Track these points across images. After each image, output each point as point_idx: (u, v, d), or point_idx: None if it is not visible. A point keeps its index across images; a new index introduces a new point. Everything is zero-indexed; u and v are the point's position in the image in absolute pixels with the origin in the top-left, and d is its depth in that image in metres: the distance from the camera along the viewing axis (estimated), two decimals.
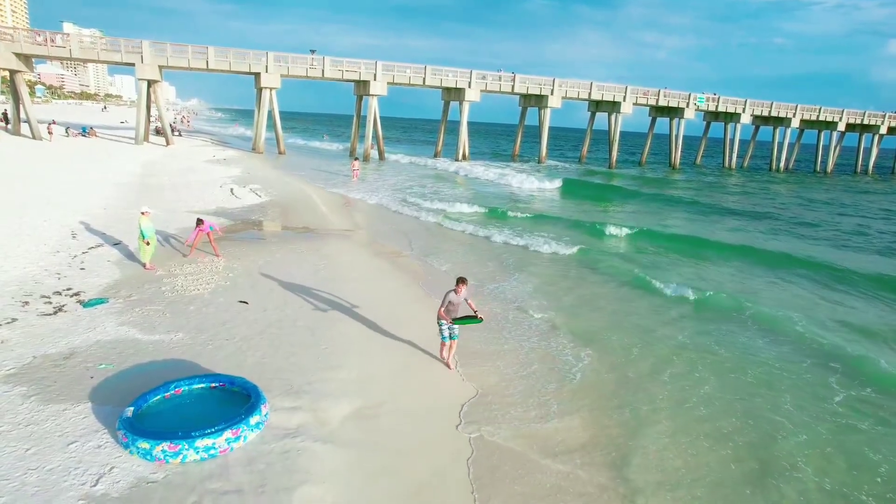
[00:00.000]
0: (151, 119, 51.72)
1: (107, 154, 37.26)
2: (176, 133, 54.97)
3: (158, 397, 7.30)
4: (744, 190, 45.22)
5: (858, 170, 73.72)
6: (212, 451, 6.35)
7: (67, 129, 47.64)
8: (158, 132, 51.56)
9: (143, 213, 13.09)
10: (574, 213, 27.69)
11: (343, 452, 6.76)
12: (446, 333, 8.92)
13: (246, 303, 11.49)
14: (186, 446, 6.24)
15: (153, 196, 22.78)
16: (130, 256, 14.35)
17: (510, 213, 25.26)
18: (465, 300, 8.76)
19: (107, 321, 10.24)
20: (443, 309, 8.58)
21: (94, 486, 5.85)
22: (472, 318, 8.81)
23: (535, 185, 37.43)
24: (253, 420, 6.75)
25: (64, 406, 7.35)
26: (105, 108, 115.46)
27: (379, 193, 29.16)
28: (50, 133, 41.56)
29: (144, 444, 6.23)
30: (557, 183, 37.82)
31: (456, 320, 8.74)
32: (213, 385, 7.66)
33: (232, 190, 25.84)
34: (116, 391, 7.77)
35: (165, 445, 6.20)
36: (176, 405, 7.31)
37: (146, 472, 6.12)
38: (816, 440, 7.90)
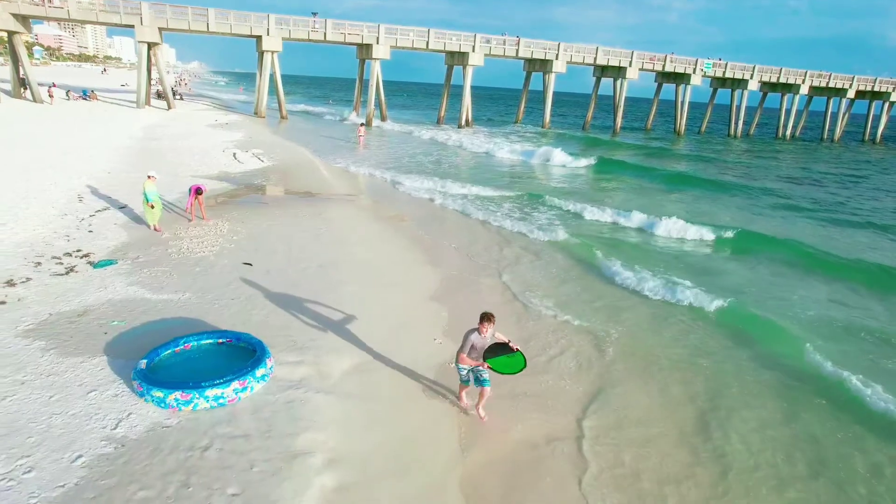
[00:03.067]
0: (152, 82, 51.30)
1: (109, 117, 37.24)
2: (177, 97, 54.62)
3: (169, 351, 7.75)
4: (746, 161, 44.94)
5: (866, 138, 72.88)
6: (221, 400, 6.81)
7: (68, 92, 47.40)
8: (160, 95, 51.24)
9: (149, 177, 13.38)
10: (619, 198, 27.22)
11: (343, 403, 7.23)
12: (465, 375, 7.01)
13: (250, 264, 11.87)
14: (197, 395, 6.71)
15: (156, 160, 22.95)
16: (136, 219, 14.70)
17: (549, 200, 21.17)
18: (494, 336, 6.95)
19: (117, 281, 10.65)
20: (465, 355, 6.65)
21: (115, 429, 6.34)
22: (508, 356, 6.85)
23: (567, 162, 32.65)
24: (259, 372, 7.20)
25: (81, 359, 7.81)
26: (104, 70, 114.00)
27: (383, 168, 29.06)
28: (51, 96, 41.42)
29: (158, 393, 6.69)
30: (590, 160, 32.96)
31: (489, 360, 6.78)
32: (221, 341, 8.10)
33: (234, 154, 25.99)
34: (129, 346, 8.22)
35: (178, 394, 6.67)
36: (186, 359, 7.76)
37: (161, 417, 6.60)
38: None
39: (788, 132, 68.31)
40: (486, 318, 6.61)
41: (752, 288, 12.84)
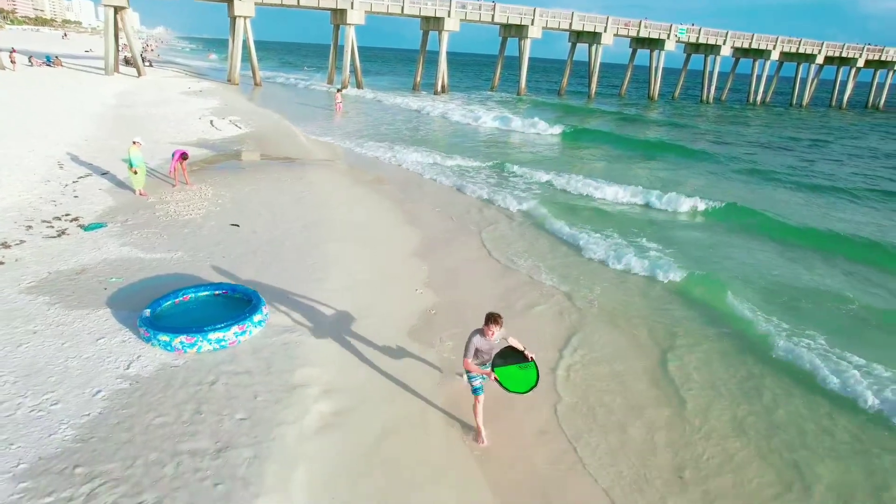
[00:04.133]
0: (120, 48, 49.83)
1: (76, 84, 36.38)
2: (147, 63, 53.21)
3: (169, 303, 8.35)
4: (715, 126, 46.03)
5: (833, 103, 74.72)
6: (223, 343, 7.48)
7: (30, 57, 45.84)
8: (128, 62, 49.89)
9: (134, 143, 13.66)
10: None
11: (333, 344, 7.98)
12: (478, 383, 6.20)
13: (237, 226, 12.38)
14: (201, 338, 7.36)
15: (132, 128, 22.85)
16: (120, 185, 14.98)
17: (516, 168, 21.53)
18: (506, 340, 6.31)
19: (109, 242, 11.09)
20: (469, 360, 5.90)
21: (127, 369, 6.98)
22: (520, 367, 6.17)
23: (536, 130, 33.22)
24: (256, 318, 7.88)
25: (86, 311, 8.37)
26: (65, 35, 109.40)
27: (361, 137, 29.23)
28: (13, 62, 40.10)
29: (165, 337, 7.33)
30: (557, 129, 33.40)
31: (497, 369, 6.09)
32: (217, 292, 8.73)
33: (211, 122, 25.96)
34: (130, 299, 8.78)
35: (183, 338, 7.31)
36: (185, 309, 8.37)
37: (168, 359, 7.25)
38: None
39: (759, 98, 69.67)
40: (492, 319, 5.67)
41: (711, 253, 13.44)
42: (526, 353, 6.20)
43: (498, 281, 10.99)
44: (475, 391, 6.24)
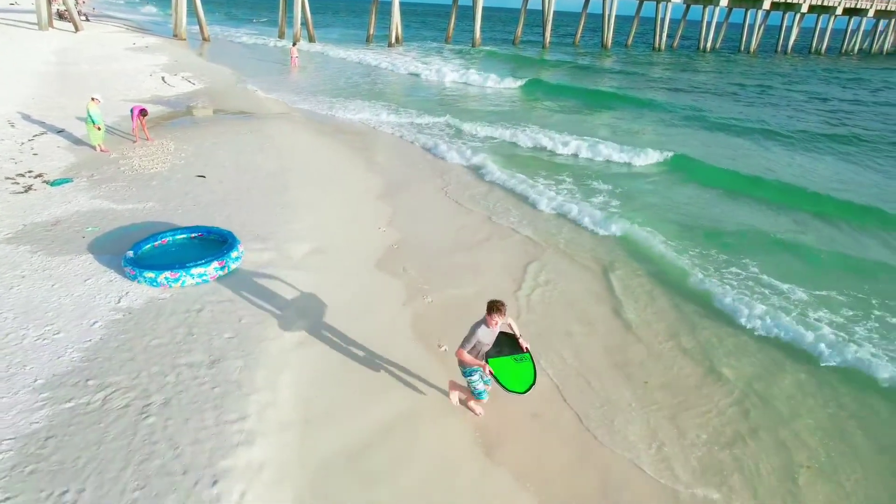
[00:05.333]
0: (50, 1, 46.84)
1: (8, 40, 34.46)
2: (83, 18, 50.29)
3: (149, 246, 8.96)
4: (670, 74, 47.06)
5: (779, 49, 76.92)
6: (204, 277, 8.22)
7: None
8: (62, 16, 47.08)
9: (92, 100, 13.74)
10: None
11: (306, 275, 8.81)
12: (481, 387, 5.84)
13: (203, 177, 12.83)
14: (184, 274, 8.08)
15: (79, 85, 22.31)
16: (79, 142, 15.03)
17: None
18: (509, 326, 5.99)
19: (79, 196, 11.44)
20: (466, 350, 5.49)
21: (118, 303, 7.68)
22: (515, 360, 5.83)
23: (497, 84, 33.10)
24: (233, 254, 8.61)
25: (69, 257, 8.91)
26: None
27: (318, 92, 29.03)
28: None
29: (150, 274, 8.01)
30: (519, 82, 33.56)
31: (492, 360, 5.72)
32: (193, 235, 9.37)
33: (163, 78, 25.44)
34: (109, 245, 9.34)
35: (168, 274, 8.01)
36: (164, 251, 9.01)
37: (155, 293, 7.97)
38: None
39: (709, 45, 71.14)
40: (494, 308, 5.34)
41: (651, 200, 14.01)
42: (521, 341, 5.88)
43: (455, 220, 11.92)
44: (478, 395, 5.89)
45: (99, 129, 13.94)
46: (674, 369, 7.33)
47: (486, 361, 5.67)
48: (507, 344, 5.96)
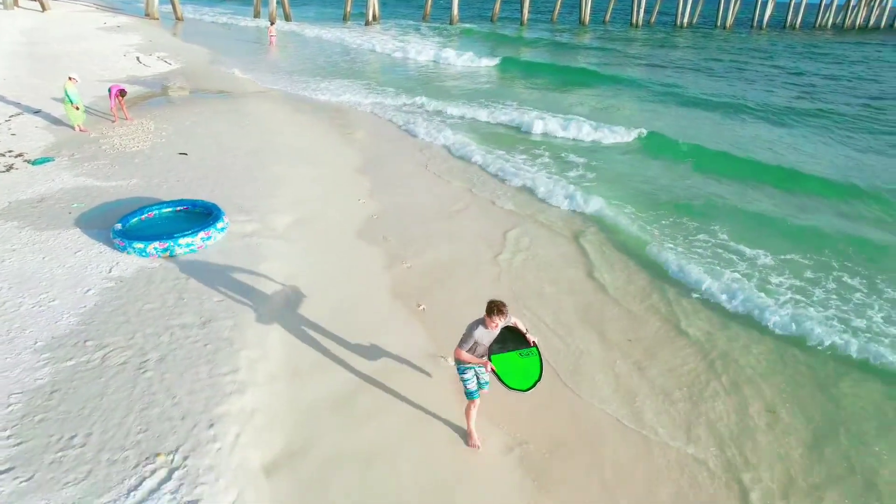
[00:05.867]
0: None
1: None
2: None
3: (136, 219, 9.26)
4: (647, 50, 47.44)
5: (754, 24, 77.63)
6: (191, 247, 8.58)
7: None
8: None
9: (70, 79, 13.79)
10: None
11: (290, 244, 9.22)
12: (473, 386, 5.51)
13: (186, 154, 13.05)
14: (172, 244, 8.43)
15: (52, 65, 22.05)
16: (57, 122, 15.07)
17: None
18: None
19: (62, 174, 11.62)
20: (464, 351, 5.19)
21: (110, 272, 8.02)
22: (520, 354, 5.40)
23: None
24: (219, 225, 8.97)
25: (57, 231, 9.19)
26: None
27: (297, 73, 28.84)
28: None
29: (139, 245, 8.35)
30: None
31: (495, 357, 5.31)
32: (179, 209, 9.68)
33: (138, 58, 25.19)
34: (96, 220, 9.62)
35: (156, 244, 8.36)
36: (151, 224, 9.32)
37: (145, 263, 8.32)
38: None
39: (686, 21, 71.53)
40: (495, 309, 4.95)
41: (626, 177, 14.20)
42: (528, 336, 5.42)
43: (433, 191, 12.35)
44: (469, 395, 5.53)
45: (77, 108, 14.01)
46: (645, 328, 7.87)
47: (490, 358, 5.27)
48: (512, 339, 5.42)
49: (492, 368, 5.24)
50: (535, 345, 5.44)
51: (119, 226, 8.73)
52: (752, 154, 16.76)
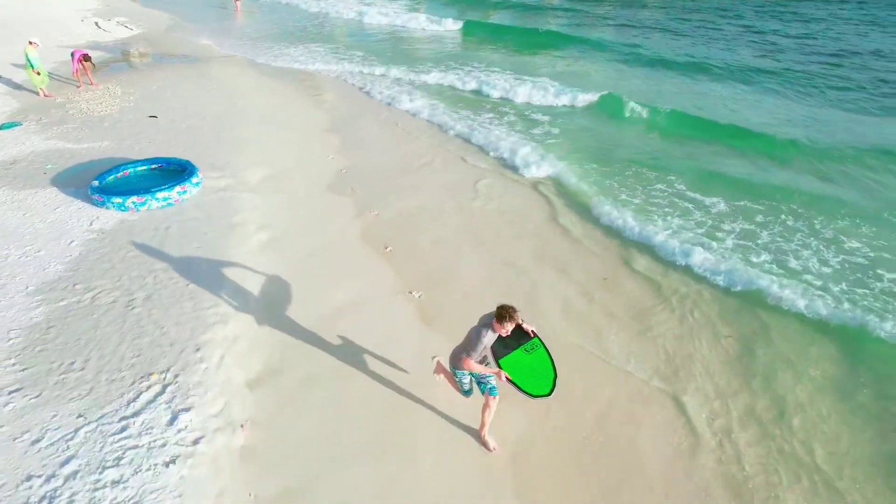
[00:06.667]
0: None
1: None
2: None
3: (112, 177, 9.63)
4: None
5: None
6: (168, 201, 9.03)
7: None
8: None
9: (30, 44, 13.73)
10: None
11: (262, 197, 9.73)
12: (467, 383, 5.29)
13: (155, 117, 13.26)
14: (149, 198, 8.87)
15: (5, 31, 21.50)
16: (20, 88, 15.03)
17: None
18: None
19: (32, 138, 11.80)
20: (473, 360, 4.82)
21: (91, 225, 8.46)
22: (526, 351, 5.09)
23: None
24: (194, 180, 9.41)
25: (34, 191, 9.52)
26: None
27: (263, 38, 28.44)
28: None
29: (118, 199, 8.77)
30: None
31: (503, 361, 5.00)
32: (154, 166, 10.07)
33: (97, 24, 24.63)
34: (71, 180, 9.95)
35: (134, 198, 8.79)
36: (127, 181, 9.70)
37: (125, 217, 8.76)
38: None
39: None
40: (506, 315, 4.63)
41: (586, 139, 14.27)
42: (524, 325, 5.12)
43: (400, 148, 12.85)
44: (465, 393, 5.36)
45: (38, 73, 13.99)
46: (603, 266, 8.62)
47: (497, 363, 4.94)
48: (512, 334, 5.01)
49: (506, 377, 4.84)
50: (534, 334, 5.16)
51: (96, 182, 9.11)
52: (711, 113, 17.19)
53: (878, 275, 8.28)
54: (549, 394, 4.84)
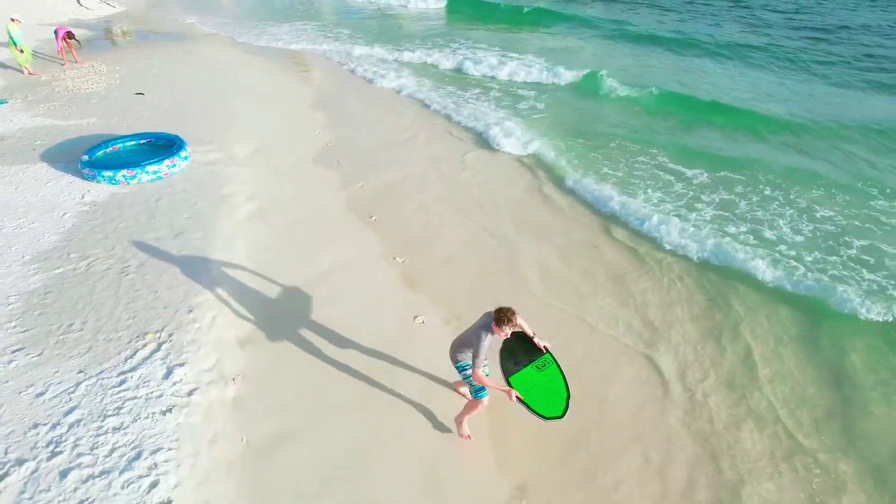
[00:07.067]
0: None
1: None
2: None
3: (101, 152, 9.81)
4: None
5: None
6: (158, 174, 9.24)
7: None
8: None
9: (12, 20, 13.70)
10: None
11: (251, 170, 9.96)
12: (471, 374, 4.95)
13: (142, 94, 13.36)
14: (140, 171, 9.08)
15: None
16: (4, 66, 15.06)
17: None
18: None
19: (19, 115, 11.90)
20: (480, 368, 4.62)
21: (83, 198, 8.67)
22: (537, 368, 4.91)
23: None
24: (183, 154, 9.61)
25: (24, 166, 9.69)
26: None
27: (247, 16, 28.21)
28: None
29: (108, 173, 8.97)
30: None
31: (513, 379, 4.84)
32: (143, 142, 10.24)
33: (79, 1, 24.38)
34: (61, 155, 10.12)
35: (125, 171, 9.00)
36: (116, 156, 9.89)
37: (115, 190, 8.98)
38: None
39: None
40: (505, 318, 4.48)
41: (568, 117, 14.34)
42: (535, 340, 4.96)
43: (385, 123, 13.06)
44: (476, 394, 5.06)
45: (21, 51, 13.99)
46: (582, 232, 8.97)
47: (507, 381, 4.79)
48: (522, 349, 4.95)
49: (517, 397, 4.69)
50: (547, 350, 4.96)
51: (86, 157, 9.30)
52: (695, 90, 17.11)
53: (847, 242, 8.58)
54: (562, 416, 4.61)
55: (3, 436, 4.81)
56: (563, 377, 4.84)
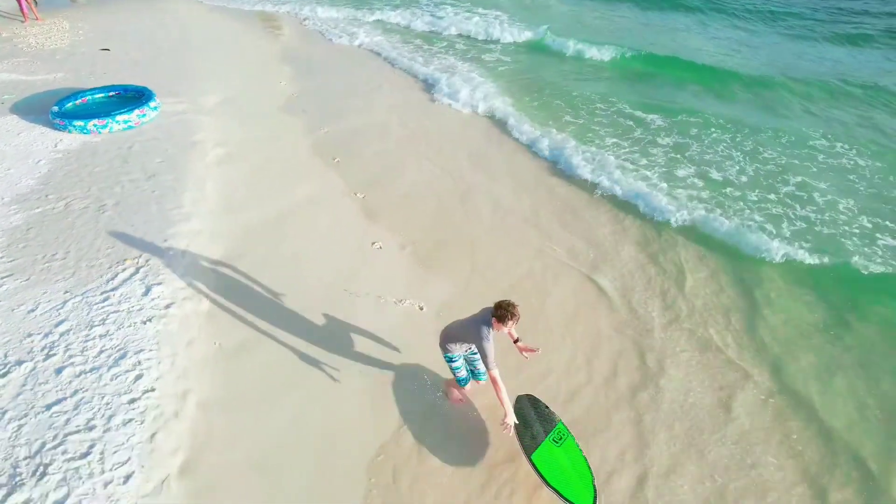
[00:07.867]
0: None
1: None
2: None
3: (71, 103, 10.12)
4: None
5: None
6: (129, 123, 9.63)
7: None
8: None
9: None
10: None
11: (218, 118, 10.39)
12: (463, 373, 5.03)
13: (108, 50, 13.50)
14: (110, 121, 9.46)
15: None
16: None
17: None
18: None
19: None
20: (497, 367, 4.46)
21: (55, 147, 9.06)
22: (551, 436, 4.65)
23: None
24: (152, 104, 9.98)
25: None
26: None
27: None
28: None
29: (79, 122, 9.34)
30: None
31: (535, 456, 4.52)
32: (111, 94, 10.55)
33: None
34: (30, 108, 10.41)
35: (95, 121, 9.37)
36: (86, 107, 10.20)
37: (88, 139, 9.37)
38: None
39: None
40: (509, 314, 4.36)
41: (528, 76, 14.76)
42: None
43: (351, 75, 13.44)
44: (460, 381, 5.06)
45: None
46: (537, 175, 9.61)
47: (530, 459, 4.50)
48: (537, 417, 4.79)
49: (532, 465, 4.47)
50: (559, 421, 4.75)
51: (56, 108, 9.63)
52: (660, 48, 16.86)
53: (784, 180, 9.25)
54: (594, 502, 4.26)
55: (2, 343, 5.42)
56: (579, 448, 4.60)
